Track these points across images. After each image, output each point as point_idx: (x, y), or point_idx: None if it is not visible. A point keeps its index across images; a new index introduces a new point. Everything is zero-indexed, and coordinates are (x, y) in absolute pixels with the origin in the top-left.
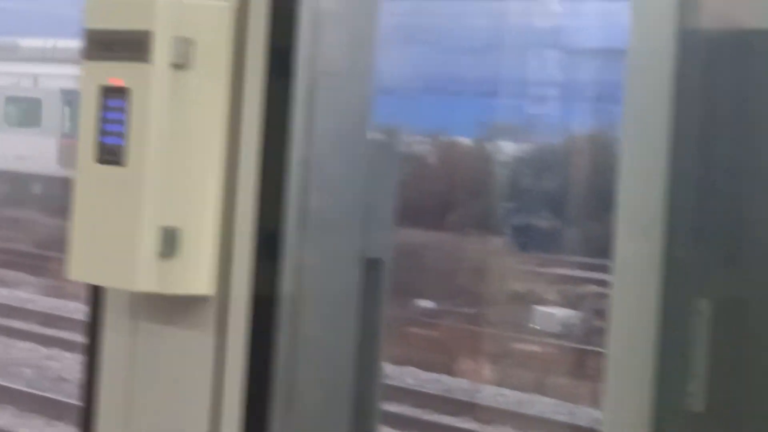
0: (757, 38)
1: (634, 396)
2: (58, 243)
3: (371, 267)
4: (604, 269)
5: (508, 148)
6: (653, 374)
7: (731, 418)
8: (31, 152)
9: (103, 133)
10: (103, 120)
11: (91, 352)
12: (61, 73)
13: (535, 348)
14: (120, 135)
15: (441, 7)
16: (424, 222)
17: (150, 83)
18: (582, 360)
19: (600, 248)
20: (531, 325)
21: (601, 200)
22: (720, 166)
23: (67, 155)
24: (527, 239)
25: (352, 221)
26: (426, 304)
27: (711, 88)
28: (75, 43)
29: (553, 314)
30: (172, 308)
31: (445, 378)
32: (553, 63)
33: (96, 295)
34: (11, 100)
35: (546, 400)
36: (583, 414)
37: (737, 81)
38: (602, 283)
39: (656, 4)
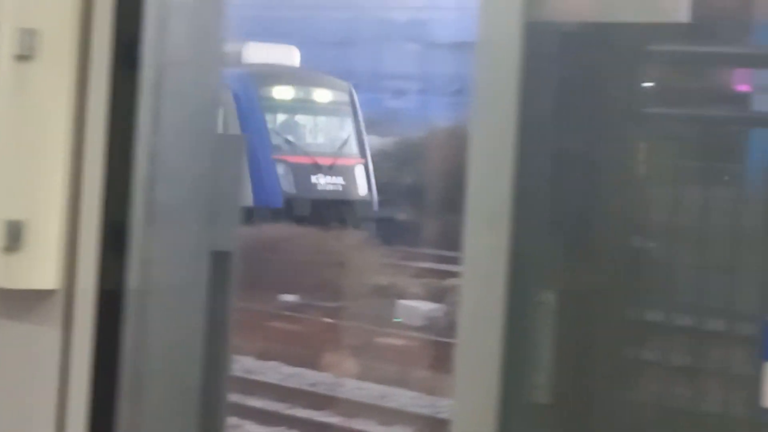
0: (602, 31)
1: (482, 388)
2: None
3: (219, 260)
4: None
5: (369, 142)
6: (500, 366)
7: (576, 409)
8: None
9: None
10: None
11: None
12: None
13: (398, 341)
14: None
15: (301, 0)
16: (287, 216)
17: None
18: (444, 353)
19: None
20: (394, 319)
21: (462, 193)
22: (567, 159)
23: None
24: (390, 233)
25: (199, 214)
26: (290, 298)
27: (558, 80)
28: None
29: (416, 307)
30: (17, 302)
31: (308, 372)
32: (413, 56)
33: None
34: None
35: (409, 393)
36: (445, 406)
37: (584, 74)
38: None
39: None
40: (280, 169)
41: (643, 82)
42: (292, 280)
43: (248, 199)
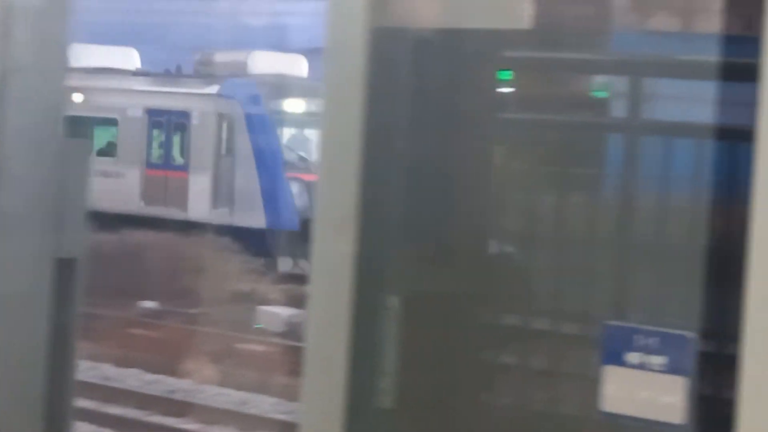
0: (449, 37)
1: (329, 392)
2: None
3: (64, 267)
4: None
5: None
6: (346, 371)
7: (420, 413)
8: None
9: None
10: None
11: None
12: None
13: (259, 347)
14: None
15: (170, 6)
16: (146, 222)
17: None
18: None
19: None
20: (255, 325)
21: None
22: (415, 165)
23: (154, 190)
24: (252, 239)
25: (43, 220)
26: (149, 304)
27: (406, 85)
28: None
29: (277, 313)
30: None
31: (168, 379)
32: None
33: None
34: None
35: (269, 399)
36: None
37: (431, 79)
38: None
39: (350, 2)
40: (295, 189)
41: (492, 87)
42: (154, 287)
43: (260, 221)
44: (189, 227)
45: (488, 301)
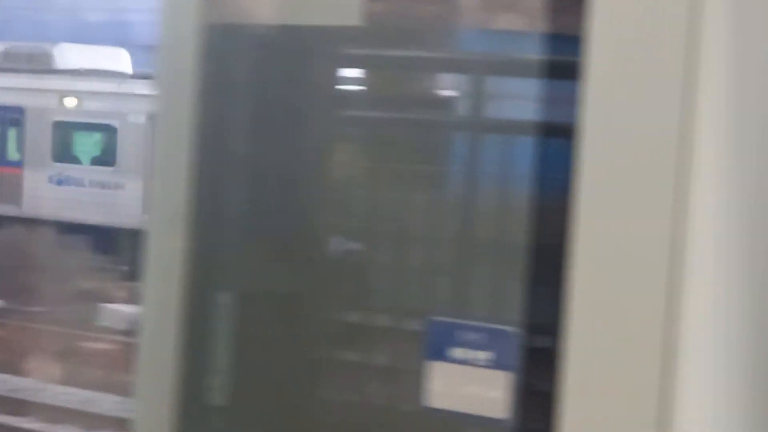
0: (283, 34)
1: (161, 390)
2: None
3: None
4: None
5: None
6: (178, 369)
7: (252, 411)
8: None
9: None
10: None
11: None
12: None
13: (102, 345)
14: None
15: (12, 2)
16: None
17: None
18: None
19: None
20: (99, 323)
21: None
22: (249, 162)
23: None
24: (95, 236)
25: None
26: None
27: (239, 83)
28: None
29: (121, 311)
30: None
31: (10, 378)
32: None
33: None
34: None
35: (113, 397)
36: None
37: (265, 76)
38: None
39: None
40: None
41: (331, 84)
42: None
43: None
44: None
45: (323, 298)
